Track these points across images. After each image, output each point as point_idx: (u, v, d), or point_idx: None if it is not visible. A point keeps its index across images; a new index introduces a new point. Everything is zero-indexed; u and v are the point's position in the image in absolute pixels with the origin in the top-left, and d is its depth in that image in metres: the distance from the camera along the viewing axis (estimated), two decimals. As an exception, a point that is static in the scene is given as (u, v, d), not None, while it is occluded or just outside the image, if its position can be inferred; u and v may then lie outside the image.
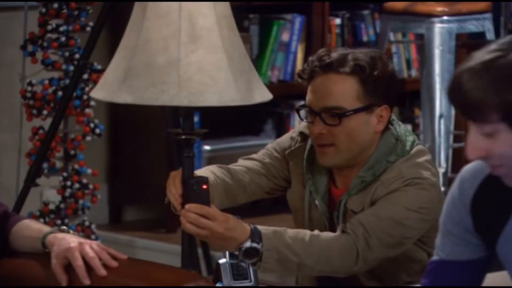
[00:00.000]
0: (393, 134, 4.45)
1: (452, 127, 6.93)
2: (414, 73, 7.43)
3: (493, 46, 3.11)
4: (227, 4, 4.45)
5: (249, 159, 4.69)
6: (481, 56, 3.11)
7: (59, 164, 6.12)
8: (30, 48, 6.08)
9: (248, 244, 4.06)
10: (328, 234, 4.39)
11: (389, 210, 4.35)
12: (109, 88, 4.43)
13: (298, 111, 4.61)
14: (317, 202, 4.49)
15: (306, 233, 4.35)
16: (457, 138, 6.59)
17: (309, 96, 4.42)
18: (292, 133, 4.72)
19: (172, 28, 4.33)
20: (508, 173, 3.20)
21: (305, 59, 7.11)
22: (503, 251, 3.34)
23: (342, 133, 4.33)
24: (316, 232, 4.34)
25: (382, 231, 4.30)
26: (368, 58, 4.40)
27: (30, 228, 4.08)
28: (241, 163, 4.66)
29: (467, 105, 3.12)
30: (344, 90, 4.32)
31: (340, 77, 4.33)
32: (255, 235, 4.13)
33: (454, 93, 3.14)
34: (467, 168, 3.43)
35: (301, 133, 4.61)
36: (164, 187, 4.91)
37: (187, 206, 4.25)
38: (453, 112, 6.82)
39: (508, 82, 3.08)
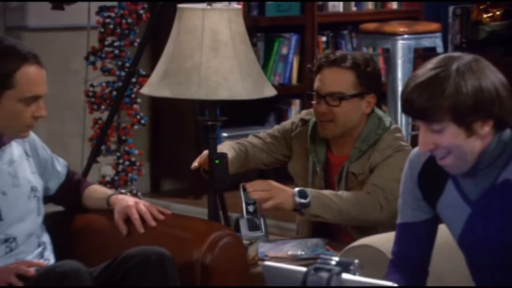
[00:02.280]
0: (376, 116, 4.53)
1: (410, 121, 6.93)
2: (382, 78, 7.41)
3: (433, 64, 3.17)
4: (242, 23, 4.50)
5: (256, 137, 4.73)
6: (425, 72, 3.15)
7: (113, 147, 6.11)
8: (91, 58, 6.04)
9: (298, 199, 4.15)
10: (353, 192, 4.45)
11: (389, 172, 4.38)
12: (152, 86, 4.53)
13: (308, 95, 4.62)
14: (317, 169, 4.54)
15: (336, 191, 4.45)
16: (414, 128, 6.53)
17: (316, 84, 4.52)
18: (294, 119, 4.78)
19: (197, 41, 4.40)
20: (455, 161, 3.21)
21: (300, 68, 7.28)
22: (441, 211, 3.39)
23: (341, 112, 4.44)
24: (340, 191, 4.39)
25: (390, 187, 4.30)
26: (363, 58, 4.53)
27: (97, 191, 4.12)
28: (250, 139, 4.71)
29: (419, 112, 3.15)
30: (344, 80, 4.45)
31: (342, 70, 4.46)
32: (300, 192, 4.23)
33: (408, 104, 3.16)
34: (414, 152, 3.46)
35: (302, 119, 4.68)
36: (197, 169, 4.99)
37: (253, 183, 4.33)
38: None
39: (454, 89, 3.10)
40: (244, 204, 4.41)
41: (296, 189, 4.28)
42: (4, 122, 3.78)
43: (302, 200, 4.23)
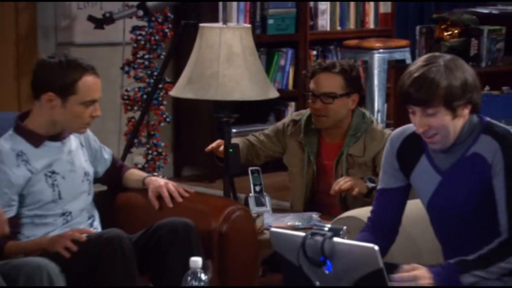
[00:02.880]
0: (360, 111, 4.53)
1: (384, 117, 6.94)
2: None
3: (422, 61, 3.26)
4: (251, 39, 4.53)
5: (253, 136, 4.71)
6: (418, 68, 3.23)
7: (144, 140, 6.10)
8: (126, 68, 6.05)
9: (369, 183, 4.18)
10: None
11: None
12: (179, 89, 4.56)
13: (305, 95, 4.67)
14: (311, 158, 4.54)
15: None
16: (387, 125, 6.50)
17: (312, 86, 4.50)
18: (285, 120, 4.74)
19: (215, 54, 4.43)
20: (441, 139, 3.26)
21: (294, 77, 7.16)
22: (414, 180, 3.41)
23: (333, 108, 4.45)
24: None
25: None
26: (349, 65, 4.55)
27: (134, 174, 4.15)
28: (250, 138, 4.68)
29: (418, 101, 3.20)
30: (335, 82, 4.45)
31: (332, 75, 4.46)
32: (369, 179, 4.26)
33: (407, 95, 3.23)
34: (395, 132, 3.51)
35: (293, 120, 4.64)
36: (208, 154, 4.85)
37: (339, 179, 4.33)
38: (385, 108, 6.89)
39: (446, 82, 3.17)
40: (252, 185, 4.41)
41: (366, 176, 4.30)
42: (68, 121, 3.80)
43: (372, 184, 4.25)
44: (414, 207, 3.49)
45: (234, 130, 6.70)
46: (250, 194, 4.38)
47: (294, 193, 4.68)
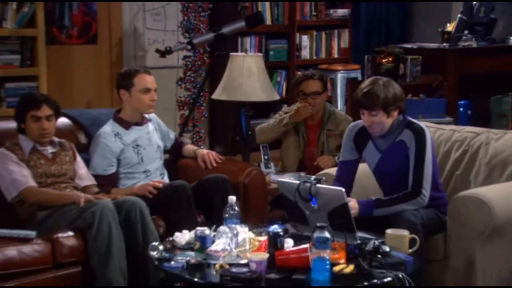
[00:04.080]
0: (327, 103, 4.53)
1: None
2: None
3: (368, 81, 3.28)
4: (262, 63, 4.49)
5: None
6: (366, 86, 3.26)
7: (190, 128, 5.94)
8: (179, 82, 5.94)
9: (337, 158, 4.02)
10: None
11: None
12: (217, 94, 4.51)
13: (298, 96, 4.53)
14: (304, 136, 4.49)
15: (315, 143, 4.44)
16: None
17: (301, 88, 4.46)
18: (280, 112, 4.66)
19: (239, 72, 4.41)
20: (379, 130, 3.27)
21: (286, 88, 6.80)
22: (365, 155, 3.42)
23: (318, 102, 4.45)
24: None
25: None
26: (322, 74, 4.58)
27: (189, 147, 4.14)
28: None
29: (366, 107, 3.22)
30: (317, 85, 4.45)
31: (314, 80, 4.46)
32: (337, 156, 4.05)
33: (359, 103, 3.25)
34: (351, 124, 3.48)
35: (286, 112, 4.56)
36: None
37: (322, 158, 4.29)
38: (345, 109, 6.74)
39: (384, 95, 3.20)
40: (262, 155, 4.43)
41: (336, 156, 4.15)
42: (136, 105, 3.78)
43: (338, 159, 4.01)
44: (367, 169, 3.50)
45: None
46: (261, 161, 4.40)
47: (289, 159, 4.55)
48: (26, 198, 3.38)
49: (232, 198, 2.97)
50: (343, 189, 2.92)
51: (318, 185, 2.96)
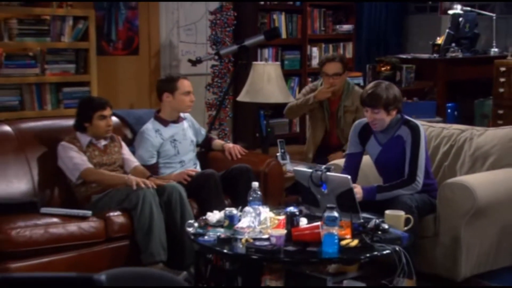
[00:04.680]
0: (347, 80, 4.39)
1: None
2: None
3: (373, 84, 3.26)
4: (280, 70, 4.47)
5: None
6: (370, 88, 3.23)
7: (217, 127, 5.88)
8: (208, 87, 5.90)
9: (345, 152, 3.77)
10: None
11: None
12: (242, 96, 4.51)
13: (321, 76, 4.37)
14: (328, 110, 4.37)
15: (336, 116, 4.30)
16: None
17: (324, 70, 4.30)
18: (306, 88, 4.52)
19: (260, 77, 4.40)
20: (379, 125, 3.24)
21: (299, 91, 6.32)
22: (367, 148, 3.38)
23: (339, 81, 4.32)
24: None
25: None
26: (342, 56, 4.45)
27: (218, 142, 4.10)
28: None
29: (370, 105, 3.19)
30: (338, 66, 4.31)
31: (336, 62, 4.32)
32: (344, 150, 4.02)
33: (364, 101, 3.22)
34: (357, 122, 3.42)
35: (311, 89, 4.43)
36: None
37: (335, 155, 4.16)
38: None
39: (385, 96, 3.17)
40: (279, 148, 4.34)
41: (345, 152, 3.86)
42: (179, 106, 3.78)
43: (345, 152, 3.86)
44: (369, 160, 3.47)
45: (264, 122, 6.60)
46: (278, 154, 4.33)
47: (317, 129, 4.43)
48: (86, 177, 3.42)
49: (255, 184, 2.99)
50: (349, 176, 2.92)
51: (328, 173, 2.97)
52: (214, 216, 2.94)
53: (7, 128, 3.50)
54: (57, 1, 4.89)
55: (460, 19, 6.27)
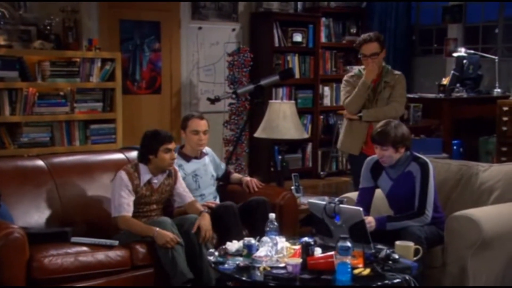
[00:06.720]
0: (383, 60, 4.17)
1: None
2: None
3: (382, 123, 3.23)
4: (294, 108, 4.44)
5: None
6: (380, 127, 3.22)
7: (234, 161, 5.86)
8: (225, 124, 5.93)
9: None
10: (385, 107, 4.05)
11: (400, 87, 4.12)
12: (258, 133, 4.49)
13: (360, 58, 4.13)
14: (371, 88, 4.12)
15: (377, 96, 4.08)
16: None
17: (362, 51, 4.08)
18: (348, 76, 4.24)
19: (276, 115, 4.40)
20: (388, 162, 3.24)
21: (312, 129, 6.56)
22: (379, 183, 3.37)
23: (377, 61, 4.09)
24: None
25: (401, 94, 4.08)
26: (378, 34, 4.13)
27: (236, 175, 4.07)
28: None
29: (379, 143, 3.19)
30: (375, 46, 4.08)
31: (372, 43, 4.07)
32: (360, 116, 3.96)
33: (374, 140, 3.21)
34: (368, 158, 3.43)
35: (351, 76, 4.19)
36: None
37: None
38: None
39: (394, 135, 3.17)
40: (294, 182, 4.32)
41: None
42: (190, 143, 3.78)
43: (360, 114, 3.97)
44: (380, 194, 3.45)
45: (279, 157, 6.44)
46: (292, 187, 4.32)
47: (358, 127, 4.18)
48: (118, 222, 3.38)
49: (272, 215, 2.99)
50: (361, 209, 2.93)
51: (341, 205, 2.97)
52: (233, 245, 2.95)
53: (40, 162, 3.54)
54: (86, 45, 5.05)
55: (464, 61, 6.30)
